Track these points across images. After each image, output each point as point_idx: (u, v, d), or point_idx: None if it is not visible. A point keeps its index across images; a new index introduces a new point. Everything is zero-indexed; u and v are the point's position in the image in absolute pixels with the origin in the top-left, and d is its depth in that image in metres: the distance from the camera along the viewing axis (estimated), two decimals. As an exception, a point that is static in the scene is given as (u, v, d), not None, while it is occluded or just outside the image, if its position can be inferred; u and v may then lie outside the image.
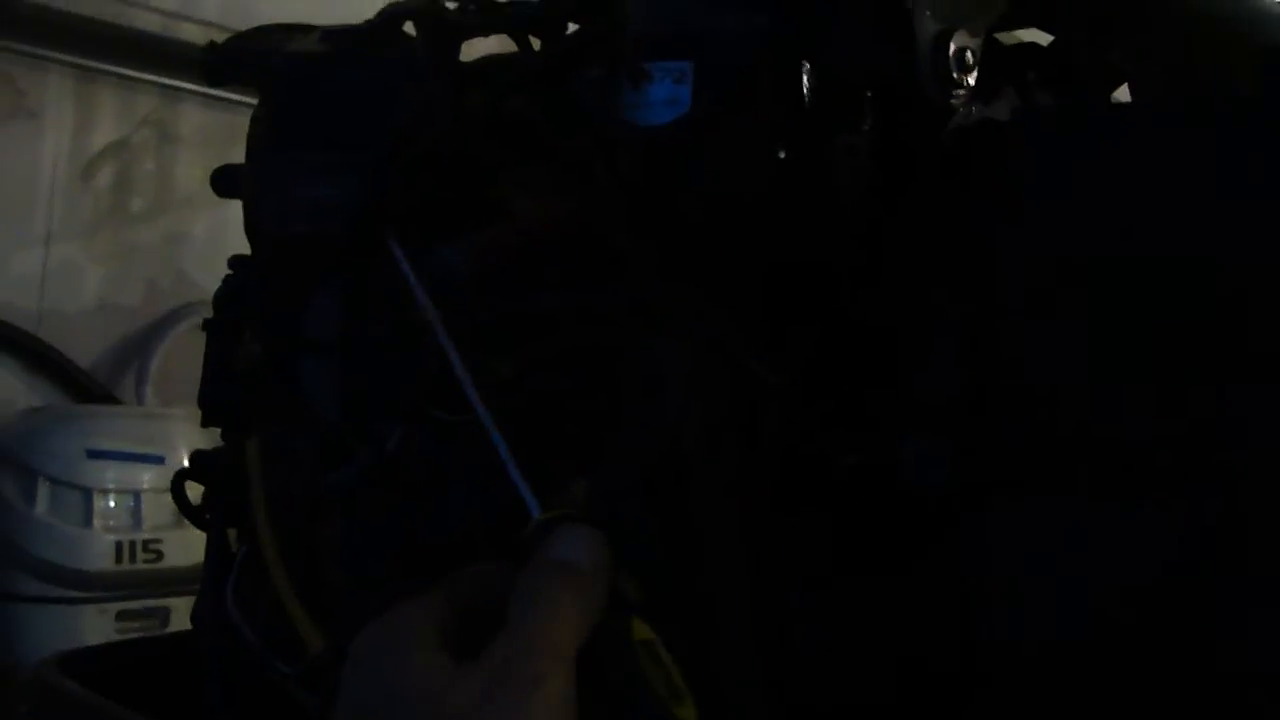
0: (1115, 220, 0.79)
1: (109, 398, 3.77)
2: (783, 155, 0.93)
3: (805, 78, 0.93)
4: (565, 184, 1.01)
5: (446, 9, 1.26)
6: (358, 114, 1.21)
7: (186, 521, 3.48)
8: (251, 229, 1.29)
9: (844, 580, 0.94)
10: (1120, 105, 1.00)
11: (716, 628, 0.92)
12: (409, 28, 1.29)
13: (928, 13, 0.88)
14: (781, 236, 0.93)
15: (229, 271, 1.44)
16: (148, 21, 3.79)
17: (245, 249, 3.27)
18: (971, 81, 0.90)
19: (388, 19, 1.30)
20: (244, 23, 4.14)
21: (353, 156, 1.18)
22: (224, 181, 1.36)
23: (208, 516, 1.35)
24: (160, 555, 3.29)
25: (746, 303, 0.94)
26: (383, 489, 1.11)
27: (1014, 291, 0.85)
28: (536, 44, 1.23)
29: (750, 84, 0.94)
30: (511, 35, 1.23)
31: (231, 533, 1.35)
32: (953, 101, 0.91)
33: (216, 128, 3.97)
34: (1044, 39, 1.15)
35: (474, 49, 1.33)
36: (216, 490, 1.31)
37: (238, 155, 3.98)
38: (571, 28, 1.21)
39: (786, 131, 0.93)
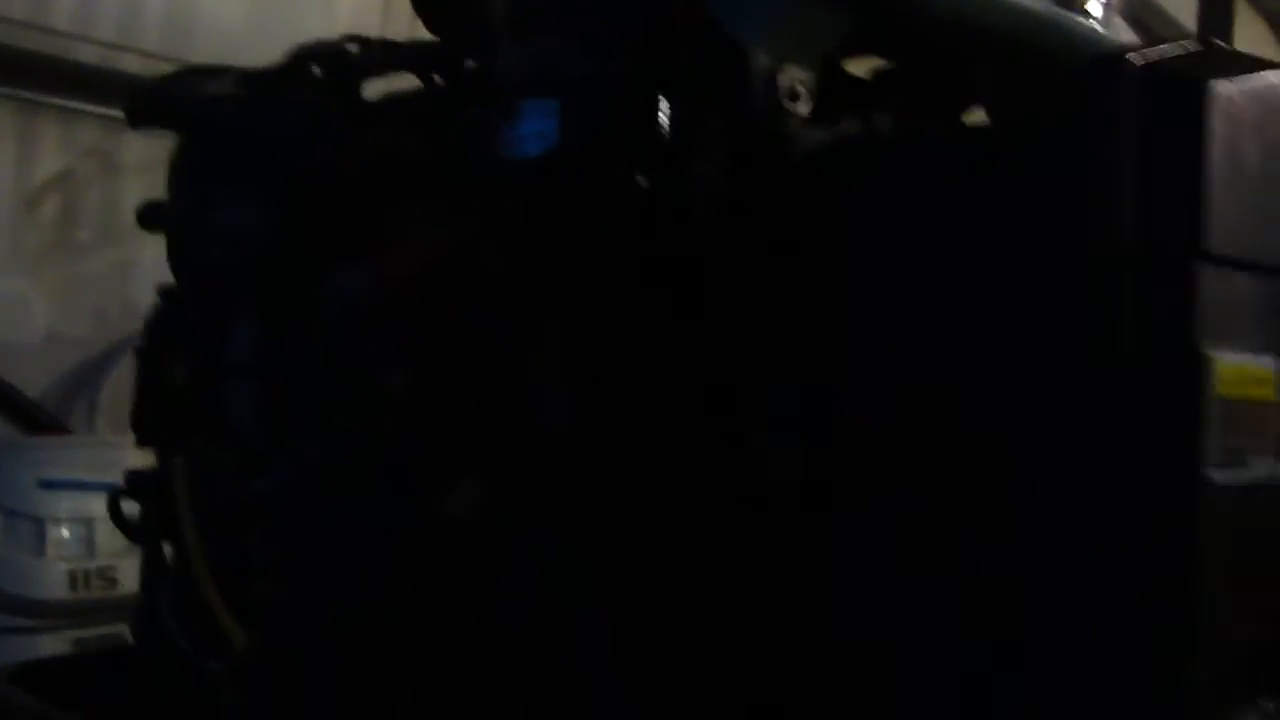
0: (900, 242, 0.93)
1: (60, 428, 3.86)
2: (641, 182, 1.05)
3: (661, 113, 1.05)
4: (455, 216, 1.13)
5: (349, 51, 1.38)
6: (268, 151, 1.32)
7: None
8: (173, 260, 1.41)
9: (707, 569, 1.06)
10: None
11: (583, 618, 1.04)
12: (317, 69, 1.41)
13: (761, 51, 1.01)
14: (643, 255, 1.05)
15: (156, 301, 1.56)
16: (88, 54, 3.90)
17: None
18: (804, 110, 1.03)
19: (295, 60, 1.42)
20: (183, 52, 4.23)
21: (264, 191, 1.29)
22: (148, 216, 1.47)
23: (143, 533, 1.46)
24: (115, 582, 3.37)
25: (615, 319, 1.06)
26: (299, 497, 1.22)
27: (846, 309, 0.98)
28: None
29: (612, 119, 1.06)
30: (414, 73, 1.35)
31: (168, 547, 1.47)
32: (788, 126, 1.03)
33: (160, 156, 4.07)
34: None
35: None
36: (149, 506, 1.42)
37: None
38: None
39: (645, 160, 1.05)
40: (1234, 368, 0.91)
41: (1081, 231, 0.89)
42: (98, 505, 3.48)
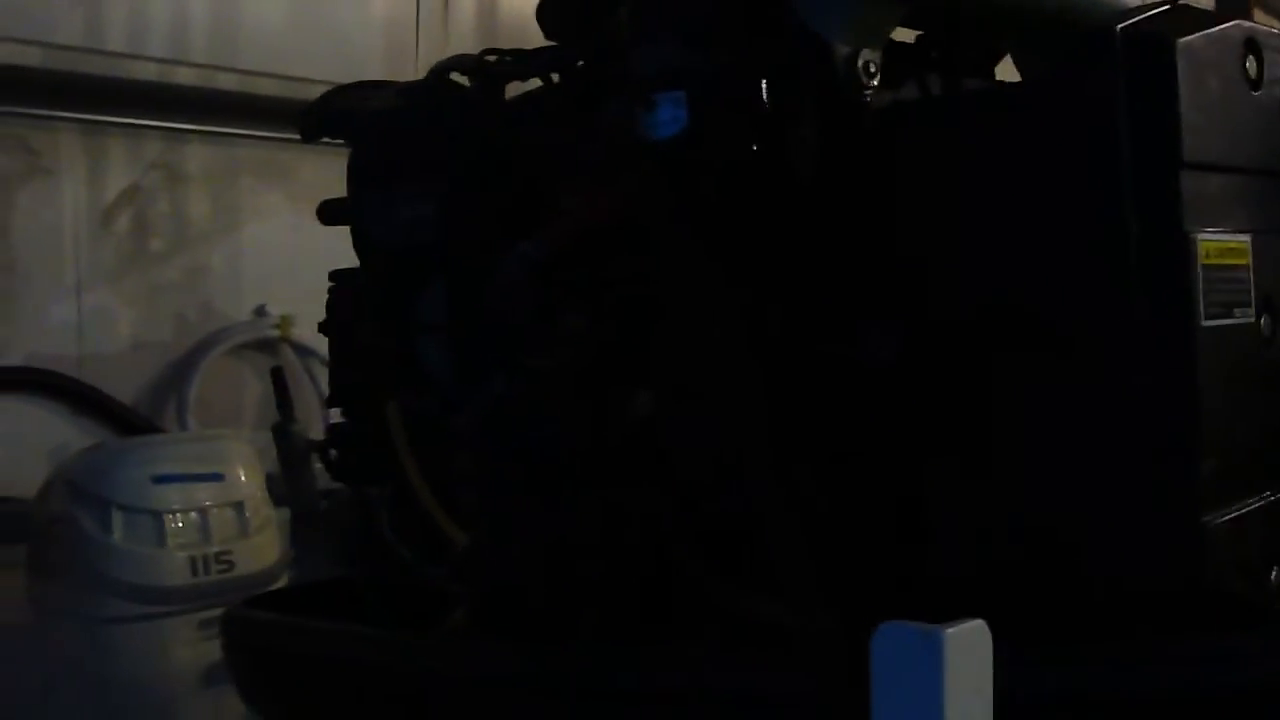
0: (950, 174, 1.34)
1: (155, 429, 4.28)
2: (755, 148, 1.45)
3: (764, 92, 1.45)
4: (606, 187, 1.53)
5: (489, 61, 1.78)
6: (434, 149, 1.73)
7: (251, 532, 4.04)
8: (361, 247, 1.81)
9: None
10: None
11: (754, 481, 1.44)
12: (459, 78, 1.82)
13: (839, 40, 1.41)
14: (761, 205, 1.45)
15: (330, 284, 1.97)
16: (143, 70, 4.31)
17: (264, 275, 4.00)
18: (875, 82, 1.42)
19: (440, 73, 1.82)
20: (231, 60, 4.67)
21: (437, 182, 1.70)
22: (329, 213, 1.87)
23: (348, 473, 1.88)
24: (231, 565, 3.79)
25: (743, 251, 1.46)
26: (496, 424, 1.63)
27: (915, 231, 1.39)
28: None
29: (728, 101, 1.46)
30: (541, 77, 1.76)
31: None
32: (866, 96, 1.43)
33: (221, 163, 4.49)
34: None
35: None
36: (358, 451, 1.83)
37: (243, 187, 4.69)
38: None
39: (757, 131, 1.45)
40: (1215, 244, 1.31)
41: (1092, 156, 1.29)
42: (207, 494, 3.92)
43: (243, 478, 3.93)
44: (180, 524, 3.84)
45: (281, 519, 4.08)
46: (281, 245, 4.36)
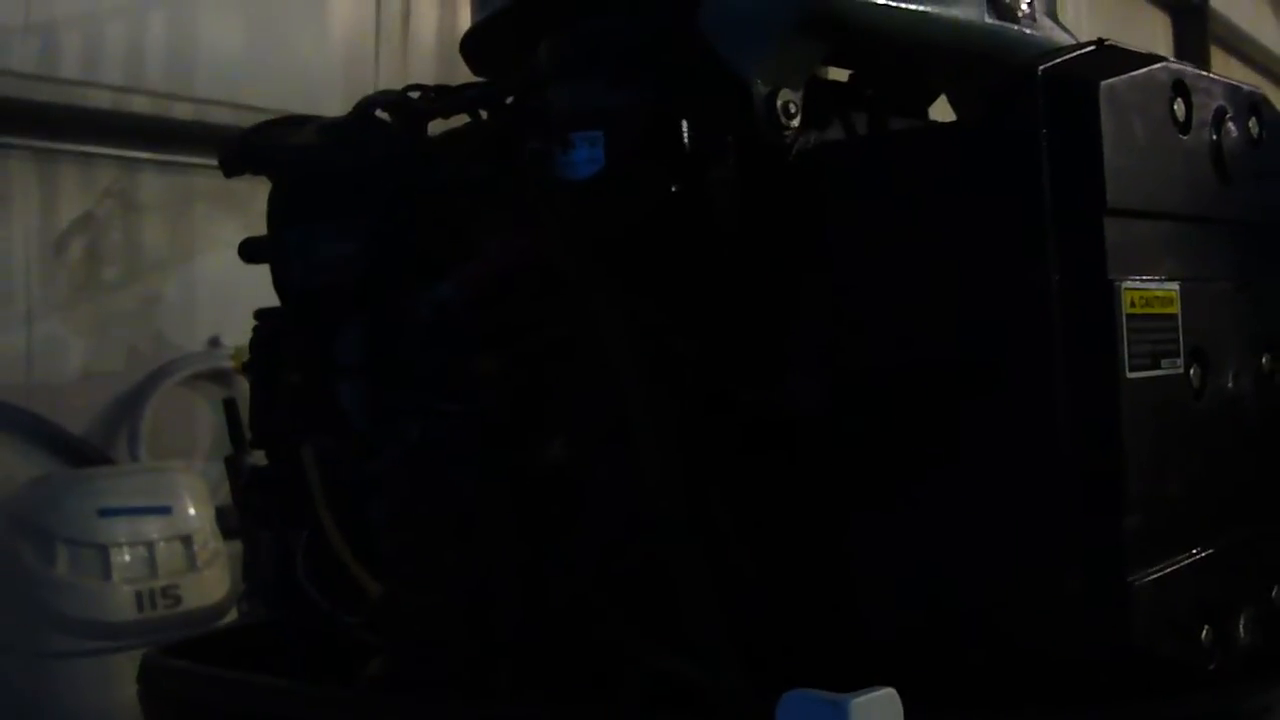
0: (875, 218, 1.28)
1: (105, 460, 4.19)
2: (674, 189, 1.39)
3: (684, 133, 1.40)
4: (523, 228, 1.47)
5: (412, 98, 1.72)
6: (355, 187, 1.66)
7: (199, 566, 3.95)
8: (280, 285, 1.75)
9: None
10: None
11: (667, 532, 1.38)
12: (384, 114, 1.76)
13: (758, 80, 1.36)
14: (681, 246, 1.40)
15: (255, 323, 1.90)
16: (99, 98, 4.23)
17: (218, 305, 3.88)
18: (796, 123, 1.37)
19: (364, 109, 1.76)
20: (187, 88, 4.56)
21: (357, 221, 1.64)
22: (249, 251, 1.81)
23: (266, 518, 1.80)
24: (179, 600, 3.71)
25: (661, 295, 1.40)
26: (411, 471, 1.56)
27: (840, 275, 1.33)
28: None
29: (646, 142, 1.41)
30: (466, 113, 1.70)
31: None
32: (785, 137, 1.37)
33: (175, 192, 4.41)
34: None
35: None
36: (278, 495, 1.76)
37: (198, 216, 4.58)
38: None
39: (675, 172, 1.40)
40: (1140, 292, 1.26)
41: (1012, 200, 1.23)
42: (155, 527, 3.84)
43: (191, 511, 3.85)
44: (127, 558, 3.75)
45: (231, 552, 3.99)
46: (236, 276, 4.24)
